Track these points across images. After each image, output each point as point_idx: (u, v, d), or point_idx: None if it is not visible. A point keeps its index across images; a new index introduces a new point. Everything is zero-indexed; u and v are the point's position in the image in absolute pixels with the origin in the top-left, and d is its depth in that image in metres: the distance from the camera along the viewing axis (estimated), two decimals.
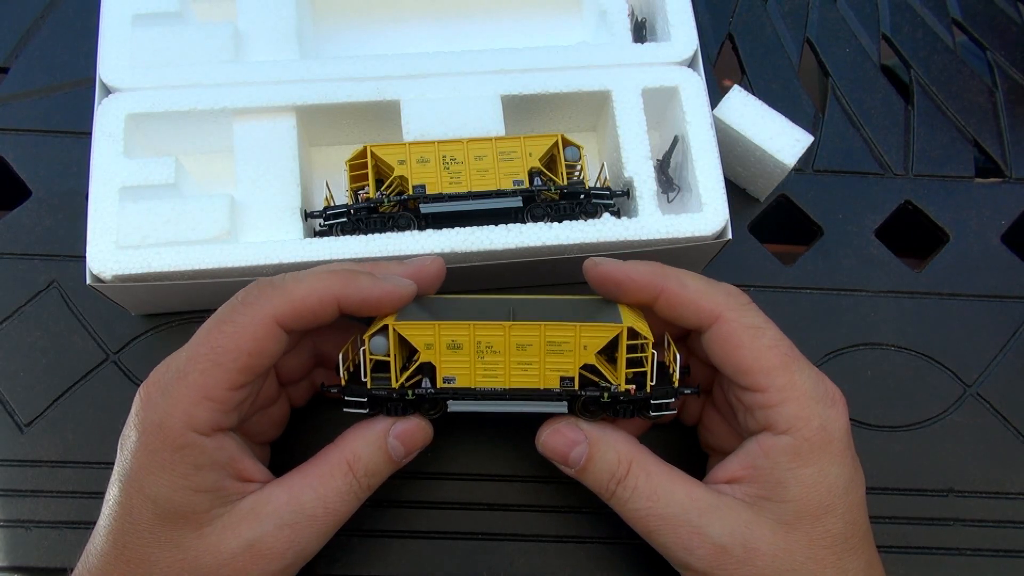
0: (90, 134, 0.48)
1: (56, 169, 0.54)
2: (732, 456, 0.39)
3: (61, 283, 0.52)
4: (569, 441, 0.39)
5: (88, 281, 0.45)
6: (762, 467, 0.37)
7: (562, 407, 0.39)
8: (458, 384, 0.38)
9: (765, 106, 0.53)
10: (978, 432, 0.51)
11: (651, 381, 0.38)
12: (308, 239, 0.46)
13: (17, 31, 0.59)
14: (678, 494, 0.37)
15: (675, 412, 0.39)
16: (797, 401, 0.36)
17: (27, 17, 0.59)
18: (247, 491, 0.37)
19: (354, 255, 0.45)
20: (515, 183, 0.47)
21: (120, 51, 0.50)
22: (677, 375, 0.39)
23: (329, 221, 0.47)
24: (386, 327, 0.37)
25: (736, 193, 0.57)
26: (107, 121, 0.48)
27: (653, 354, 0.38)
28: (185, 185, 0.49)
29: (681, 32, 0.52)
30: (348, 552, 0.46)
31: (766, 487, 0.36)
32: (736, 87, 0.54)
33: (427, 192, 0.47)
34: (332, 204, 0.48)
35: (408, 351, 0.39)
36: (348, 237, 0.46)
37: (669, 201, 0.52)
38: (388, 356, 0.38)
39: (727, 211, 0.47)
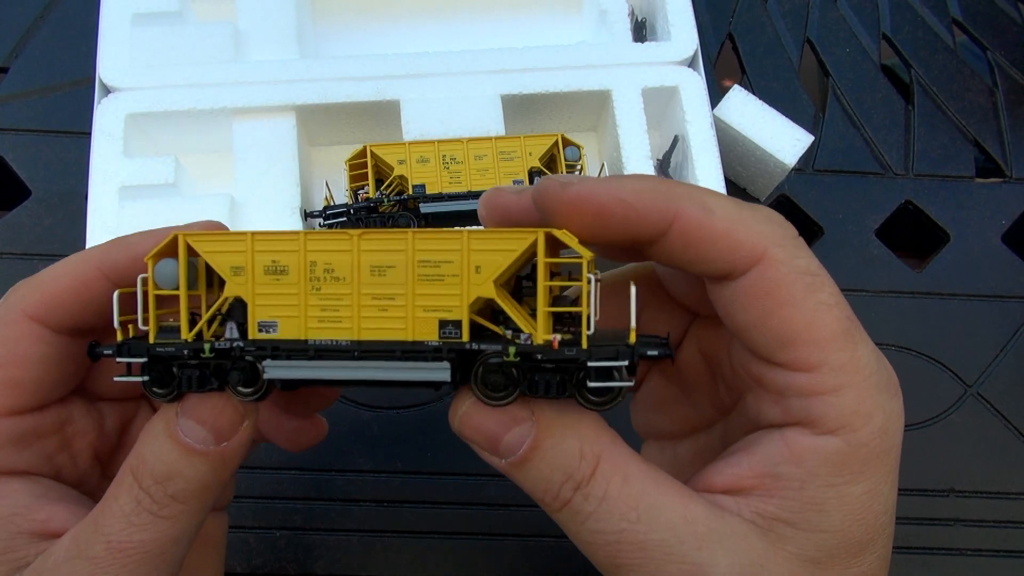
0: (90, 134, 0.48)
1: (55, 169, 0.54)
2: (737, 453, 0.27)
3: None
4: (505, 418, 0.25)
5: None
6: (789, 478, 0.26)
7: (442, 371, 0.25)
8: (281, 334, 0.25)
9: (765, 106, 0.53)
10: (978, 432, 0.51)
11: (587, 329, 0.24)
12: None
13: (17, 31, 0.58)
14: (668, 511, 0.25)
15: (631, 384, 0.25)
16: (857, 388, 0.25)
17: (27, 17, 0.59)
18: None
19: None
20: (515, 183, 0.47)
21: (120, 51, 0.50)
22: (633, 314, 0.24)
23: (329, 221, 0.47)
24: (176, 243, 0.25)
25: (736, 193, 0.57)
26: (107, 121, 0.48)
27: (592, 280, 0.23)
28: (185, 185, 0.49)
29: (681, 32, 0.52)
30: (348, 552, 0.46)
31: (792, 508, 0.25)
32: (736, 87, 0.54)
33: (427, 192, 0.47)
34: (332, 204, 0.48)
35: (217, 286, 0.26)
36: None
37: None
38: (176, 291, 0.25)
39: None
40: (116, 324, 0.26)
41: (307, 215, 0.48)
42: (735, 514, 0.26)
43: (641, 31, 0.55)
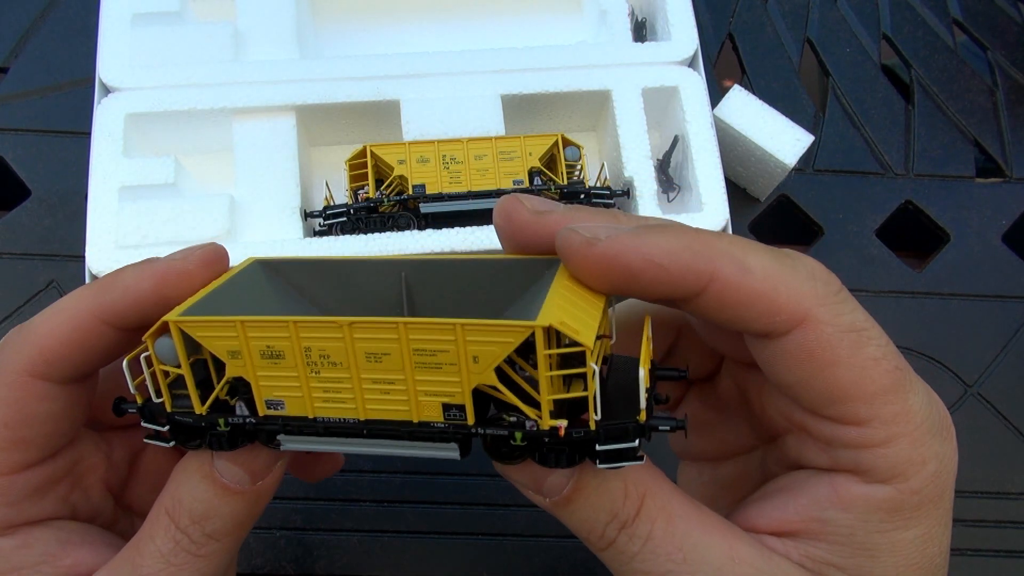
0: (89, 134, 0.48)
1: (55, 169, 0.54)
2: (781, 494, 0.27)
3: (61, 283, 0.52)
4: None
5: (88, 281, 0.45)
6: (838, 524, 0.25)
7: (451, 451, 0.25)
8: (288, 411, 0.25)
9: (765, 106, 0.53)
10: (978, 432, 0.51)
11: (595, 414, 0.23)
12: (307, 239, 0.46)
13: (17, 31, 0.58)
14: (714, 551, 0.25)
15: (642, 461, 0.25)
16: (910, 438, 0.25)
17: (27, 17, 0.59)
18: None
19: (354, 255, 0.45)
20: (515, 183, 0.47)
21: (120, 51, 0.50)
22: (642, 395, 0.24)
23: (329, 221, 0.47)
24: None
25: (736, 193, 0.57)
26: (106, 121, 0.48)
27: (595, 371, 0.23)
28: (184, 185, 0.49)
29: (681, 32, 0.52)
30: (348, 552, 0.46)
31: (842, 552, 0.25)
32: (736, 87, 0.54)
33: (427, 192, 0.47)
34: (332, 204, 0.48)
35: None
36: (348, 237, 0.46)
37: (669, 201, 0.52)
38: (179, 368, 0.25)
39: (727, 211, 0.47)
40: (132, 389, 0.26)
41: (307, 215, 0.48)
42: (783, 556, 0.26)
43: (641, 31, 0.55)
